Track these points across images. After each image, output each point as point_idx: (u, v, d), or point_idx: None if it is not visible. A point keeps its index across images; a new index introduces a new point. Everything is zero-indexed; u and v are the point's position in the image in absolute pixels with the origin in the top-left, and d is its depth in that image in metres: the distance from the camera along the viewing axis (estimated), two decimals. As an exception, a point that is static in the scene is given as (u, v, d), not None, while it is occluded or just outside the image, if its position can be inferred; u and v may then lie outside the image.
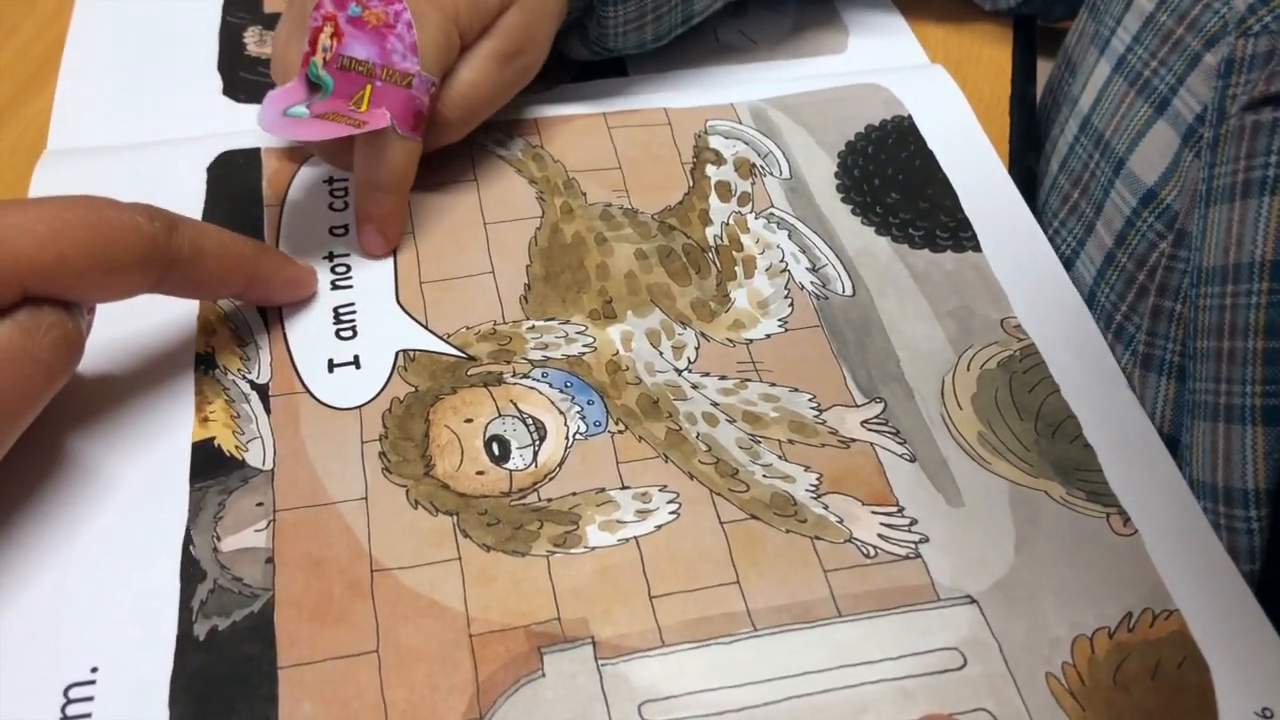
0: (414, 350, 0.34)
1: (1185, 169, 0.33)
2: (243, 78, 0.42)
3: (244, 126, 0.40)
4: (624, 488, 0.31)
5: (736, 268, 0.37)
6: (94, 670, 0.27)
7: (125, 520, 0.29)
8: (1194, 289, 0.31)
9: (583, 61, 0.43)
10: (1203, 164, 0.31)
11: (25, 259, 0.26)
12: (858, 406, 0.33)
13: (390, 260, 0.36)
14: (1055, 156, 0.40)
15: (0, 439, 0.26)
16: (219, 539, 0.29)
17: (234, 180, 0.38)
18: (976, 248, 0.37)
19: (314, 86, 0.34)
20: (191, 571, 0.29)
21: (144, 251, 0.28)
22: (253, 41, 0.44)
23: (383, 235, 0.36)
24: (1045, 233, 0.38)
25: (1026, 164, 0.41)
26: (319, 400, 0.32)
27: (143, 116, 0.41)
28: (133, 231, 0.27)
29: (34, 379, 0.27)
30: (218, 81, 0.42)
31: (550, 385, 0.33)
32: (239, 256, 0.31)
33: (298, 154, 0.39)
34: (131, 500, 0.30)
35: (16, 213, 0.26)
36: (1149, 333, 0.33)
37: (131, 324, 0.33)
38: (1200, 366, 0.30)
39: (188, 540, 0.29)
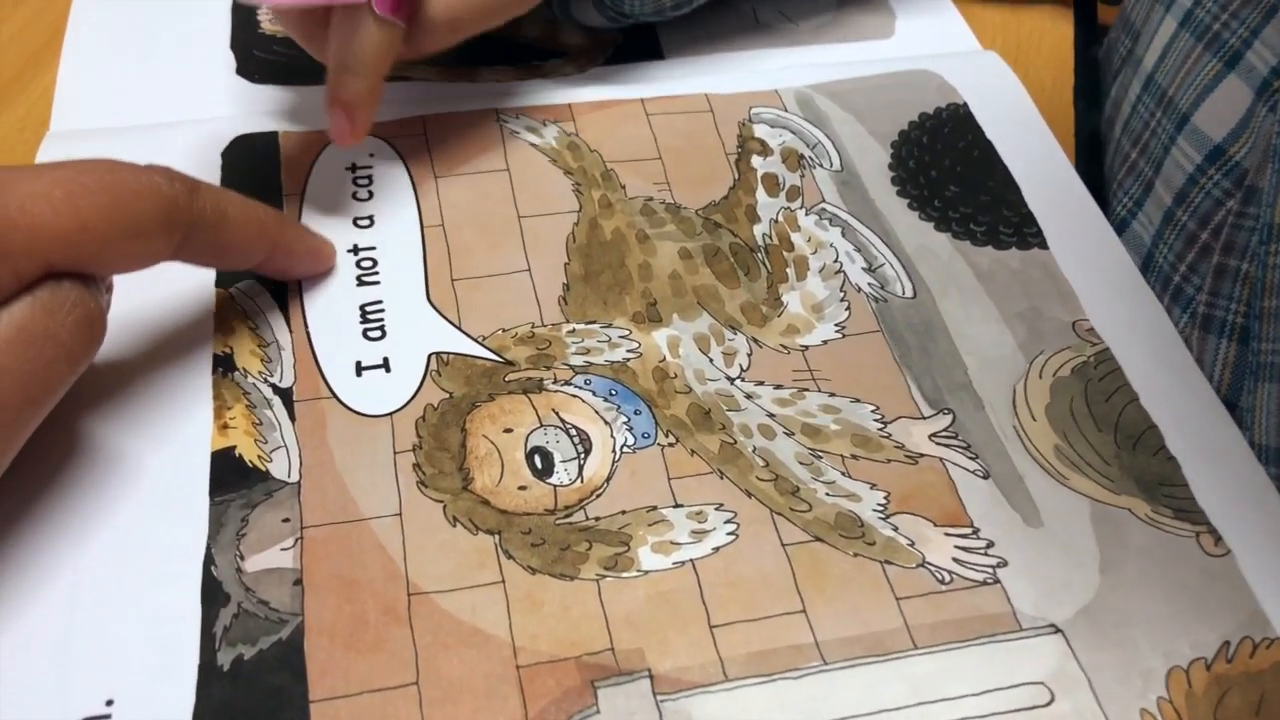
0: (447, 353, 0.31)
1: (1258, 124, 0.31)
2: (257, 57, 0.40)
3: (260, 108, 0.38)
4: (677, 506, 0.29)
5: (788, 269, 0.34)
6: (109, 703, 0.24)
7: (140, 537, 0.27)
8: (1263, 246, 0.29)
9: (617, 43, 0.41)
10: (1278, 118, 0.29)
11: (46, 228, 0.24)
12: (924, 419, 0.31)
13: (419, 254, 0.34)
14: (1118, 120, 0.38)
15: (20, 427, 0.25)
16: (242, 558, 0.27)
17: (250, 165, 0.36)
18: (1043, 244, 0.35)
19: None
20: (213, 594, 0.26)
21: (165, 214, 0.26)
22: (267, 19, 0.42)
23: (349, 121, 0.33)
24: (1105, 194, 0.36)
25: (1091, 126, 0.39)
26: (347, 406, 0.30)
27: (151, 97, 0.38)
28: (153, 193, 0.26)
29: (56, 362, 0.25)
30: (231, 60, 0.40)
31: (594, 393, 0.31)
32: (262, 223, 0.30)
33: (318, 138, 0.37)
34: (146, 515, 0.28)
35: (31, 179, 0.24)
36: (1211, 293, 0.32)
37: (143, 323, 0.31)
38: (1267, 326, 0.29)
39: (208, 559, 0.27)
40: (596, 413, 0.30)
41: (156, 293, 0.32)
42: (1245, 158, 0.31)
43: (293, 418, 0.30)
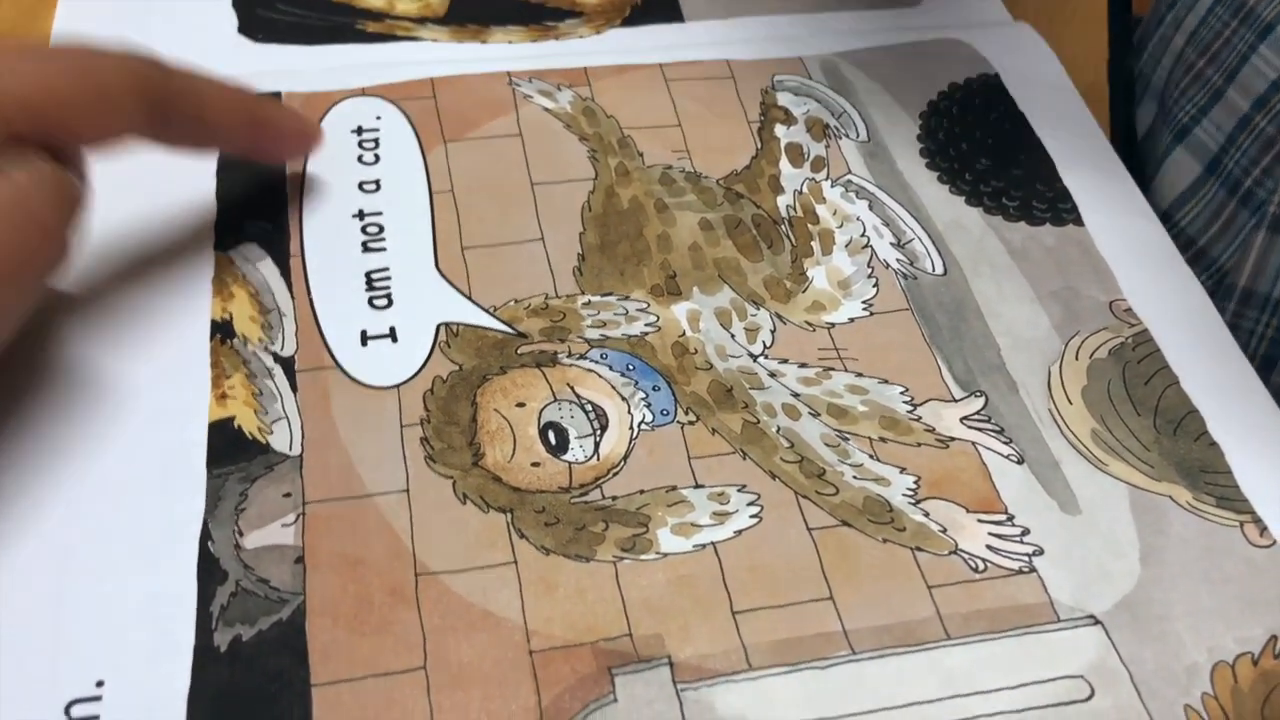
0: (457, 324, 0.30)
1: None
2: (260, 15, 0.38)
3: (262, 68, 0.36)
4: (697, 486, 0.27)
5: (813, 243, 0.33)
6: (99, 684, 0.23)
7: (133, 512, 0.26)
8: None
9: (634, 3, 0.40)
10: None
11: (8, 92, 0.24)
12: (956, 401, 0.29)
13: (427, 220, 0.32)
14: (1181, 33, 0.38)
15: (7, 310, 0.24)
16: (241, 534, 0.26)
17: (252, 128, 0.34)
18: (1078, 221, 0.34)
19: None
20: (210, 571, 0.25)
21: (136, 82, 0.26)
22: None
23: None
24: (1164, 108, 0.36)
25: (1127, 66, 0.39)
26: (351, 377, 0.29)
27: (148, 52, 0.37)
28: (122, 63, 0.26)
29: (30, 239, 0.24)
30: (232, 18, 0.38)
31: (610, 368, 0.29)
32: (239, 96, 0.29)
33: (322, 100, 0.35)
34: (140, 489, 0.26)
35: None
36: None
37: (136, 286, 0.30)
38: None
39: (205, 535, 0.26)
40: (613, 388, 0.29)
41: (151, 253, 0.31)
42: None
43: (294, 388, 0.28)
